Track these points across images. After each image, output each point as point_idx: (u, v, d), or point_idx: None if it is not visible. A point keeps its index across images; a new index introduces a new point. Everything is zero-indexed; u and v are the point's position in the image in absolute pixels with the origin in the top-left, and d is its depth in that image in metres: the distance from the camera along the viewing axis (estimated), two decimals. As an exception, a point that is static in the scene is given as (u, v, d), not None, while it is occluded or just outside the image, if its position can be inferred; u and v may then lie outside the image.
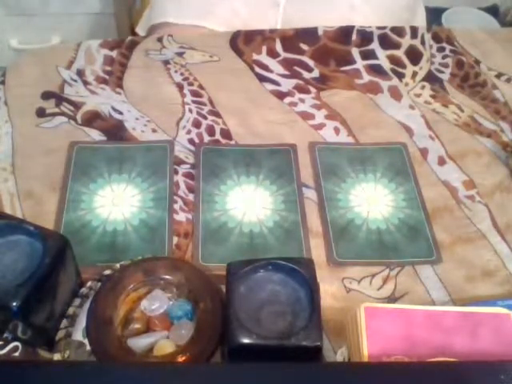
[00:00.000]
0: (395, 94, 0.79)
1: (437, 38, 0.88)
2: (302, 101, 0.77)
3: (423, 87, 0.80)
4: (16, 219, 0.52)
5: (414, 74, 0.82)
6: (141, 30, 1.04)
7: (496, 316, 0.48)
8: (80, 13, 1.49)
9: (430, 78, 0.82)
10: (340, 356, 0.51)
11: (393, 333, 0.46)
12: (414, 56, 0.84)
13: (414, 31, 0.88)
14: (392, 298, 0.58)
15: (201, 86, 0.78)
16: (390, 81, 0.81)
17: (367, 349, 0.45)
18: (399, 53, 0.84)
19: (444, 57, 0.85)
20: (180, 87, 0.78)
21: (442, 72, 0.83)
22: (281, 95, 0.78)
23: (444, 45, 0.87)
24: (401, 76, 0.82)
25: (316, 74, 0.81)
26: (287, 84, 0.79)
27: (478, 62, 0.84)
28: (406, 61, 0.84)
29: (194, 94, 0.77)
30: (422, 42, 0.87)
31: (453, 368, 0.42)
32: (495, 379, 0.40)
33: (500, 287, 0.60)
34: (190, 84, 0.78)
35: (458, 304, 0.58)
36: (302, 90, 0.79)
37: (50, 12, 1.48)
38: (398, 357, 0.45)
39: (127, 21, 1.44)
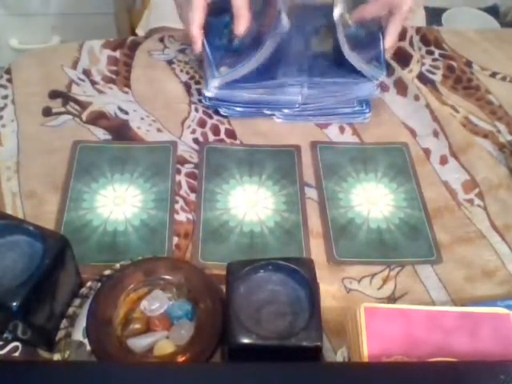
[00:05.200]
0: (401, 88, 0.79)
1: (425, 41, 0.87)
2: None
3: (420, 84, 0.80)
4: (16, 219, 0.52)
5: (409, 73, 0.82)
6: (141, 31, 1.04)
7: (496, 316, 0.48)
8: (80, 13, 1.49)
9: (422, 79, 0.82)
10: (340, 356, 0.51)
11: (393, 333, 0.46)
12: (403, 57, 0.84)
13: (403, 32, 0.87)
14: (392, 298, 0.58)
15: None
16: (393, 75, 0.80)
17: (367, 349, 0.45)
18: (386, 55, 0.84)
19: (434, 60, 0.85)
20: (187, 86, 0.78)
21: (434, 73, 0.83)
22: None
23: (432, 48, 0.86)
24: (403, 65, 0.82)
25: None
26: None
27: (469, 63, 0.84)
28: (393, 64, 0.83)
29: (201, 92, 0.77)
30: (411, 44, 0.87)
31: (453, 368, 0.42)
32: (495, 379, 0.40)
33: (500, 287, 0.60)
34: (197, 83, 0.78)
35: (458, 304, 0.58)
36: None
37: (49, 12, 1.49)
38: (398, 357, 0.45)
39: (127, 21, 1.44)
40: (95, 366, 0.43)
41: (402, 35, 0.87)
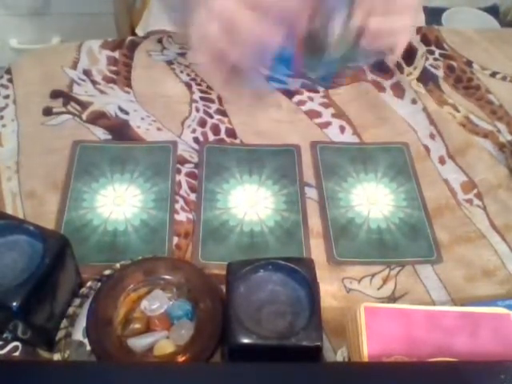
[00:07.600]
0: (398, 91, 0.79)
1: (425, 41, 0.87)
2: (311, 99, 0.77)
3: (418, 88, 0.80)
4: (16, 219, 0.52)
5: (408, 75, 0.82)
6: (141, 31, 1.04)
7: (496, 316, 0.48)
8: (80, 13, 1.50)
9: (425, 75, 0.81)
10: (340, 356, 0.51)
11: (393, 333, 0.46)
12: (409, 53, 0.84)
13: None
14: (392, 298, 0.58)
15: (209, 86, 0.78)
16: (391, 78, 0.81)
17: (367, 349, 0.45)
18: None
19: (435, 59, 0.85)
20: (189, 86, 0.78)
21: (437, 69, 0.83)
22: (289, 94, 0.78)
23: (433, 48, 0.86)
24: (401, 69, 0.82)
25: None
26: (294, 83, 0.79)
27: (469, 63, 0.84)
28: (400, 61, 0.83)
29: (203, 92, 0.77)
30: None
31: (453, 368, 0.42)
32: (495, 379, 0.40)
33: (500, 287, 0.60)
34: (199, 84, 0.78)
35: (458, 304, 0.58)
36: (310, 88, 0.79)
37: (50, 12, 1.49)
38: (398, 357, 0.45)
39: (127, 21, 1.44)
40: (95, 366, 0.43)
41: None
